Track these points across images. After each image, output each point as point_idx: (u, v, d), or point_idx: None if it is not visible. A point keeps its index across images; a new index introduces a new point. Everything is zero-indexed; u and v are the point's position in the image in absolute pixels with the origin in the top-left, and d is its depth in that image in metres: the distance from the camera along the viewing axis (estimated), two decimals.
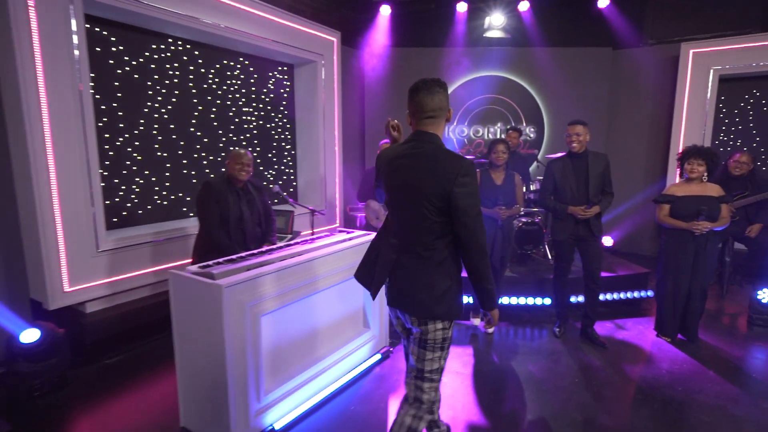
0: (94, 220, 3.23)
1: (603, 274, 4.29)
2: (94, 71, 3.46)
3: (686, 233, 3.41)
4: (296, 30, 4.97)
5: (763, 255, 4.30)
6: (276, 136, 5.29)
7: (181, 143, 4.21)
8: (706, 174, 3.47)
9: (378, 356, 3.28)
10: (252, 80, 4.88)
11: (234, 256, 2.60)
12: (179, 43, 4.10)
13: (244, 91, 4.79)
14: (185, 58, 4.16)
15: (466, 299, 4.00)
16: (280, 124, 5.33)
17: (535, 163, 5.72)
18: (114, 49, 3.62)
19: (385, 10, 6.22)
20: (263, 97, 5.04)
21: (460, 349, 3.46)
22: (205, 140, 4.42)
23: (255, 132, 4.99)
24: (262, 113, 5.06)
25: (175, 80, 4.09)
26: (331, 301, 2.96)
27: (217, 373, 2.18)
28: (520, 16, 6.41)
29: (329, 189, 5.62)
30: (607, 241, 6.33)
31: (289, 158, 5.52)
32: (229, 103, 4.64)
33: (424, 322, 1.79)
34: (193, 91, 4.26)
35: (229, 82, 4.61)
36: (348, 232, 3.35)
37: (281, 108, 5.32)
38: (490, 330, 3.79)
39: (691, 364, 3.25)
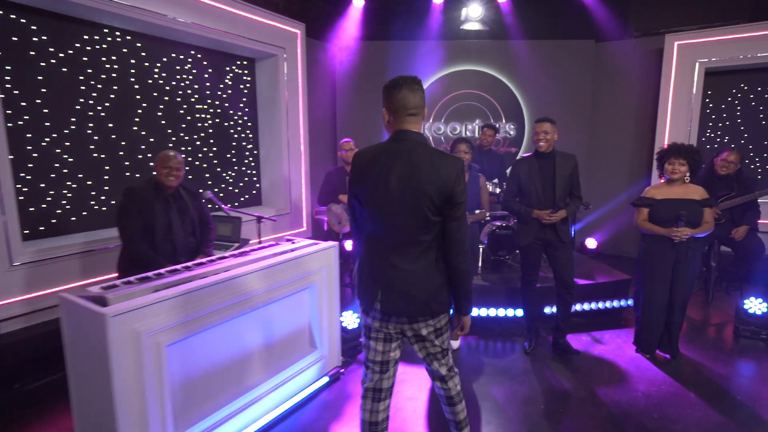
0: (5, 230, 2.89)
1: (579, 281, 4.03)
2: (10, 63, 3.11)
3: (666, 240, 3.11)
4: (254, 21, 4.63)
5: (749, 259, 4.02)
6: (236, 135, 4.95)
7: (122, 143, 3.86)
8: (688, 174, 3.17)
9: (325, 379, 2.96)
10: (206, 75, 4.53)
11: (151, 273, 2.28)
12: (117, 34, 3.75)
13: (197, 86, 4.44)
14: (125, 50, 3.81)
15: None
16: (240, 122, 4.99)
17: None
18: (36, 39, 3.27)
19: (359, 2, 5.88)
20: (220, 93, 4.70)
21: (418, 369, 3.15)
22: (151, 140, 4.07)
23: (211, 131, 4.65)
24: (219, 110, 4.71)
25: (113, 74, 3.74)
26: (266, 321, 2.63)
27: (108, 415, 1.86)
28: (499, 8, 6.10)
29: (294, 191, 5.29)
30: (591, 243, 6.05)
31: (251, 159, 5.18)
32: (179, 99, 4.29)
33: (427, 321, 1.81)
34: (136, 86, 3.91)
35: (179, 77, 4.27)
36: (292, 242, 3.03)
37: (241, 105, 4.98)
38: (456, 345, 3.47)
39: (670, 385, 2.95)
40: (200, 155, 4.56)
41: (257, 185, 5.30)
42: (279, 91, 5.03)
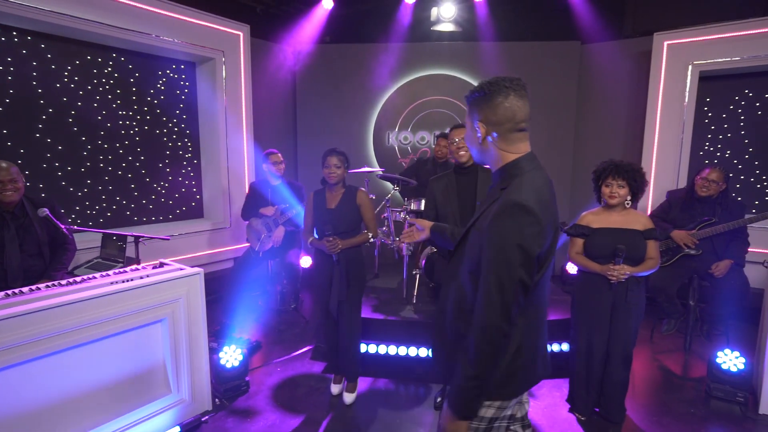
0: None
1: None
2: None
3: (602, 279, 2.53)
4: (189, 23, 4.33)
5: (730, 300, 3.30)
6: (170, 144, 4.65)
7: (21, 151, 3.61)
8: (629, 198, 2.57)
9: (175, 430, 2.53)
10: (132, 79, 4.26)
11: None
12: (14, 33, 3.51)
13: (119, 91, 4.17)
14: (24, 51, 3.57)
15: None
16: (177, 129, 4.69)
17: None
18: None
19: (328, 3, 5.51)
20: (150, 99, 4.42)
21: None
22: (59, 147, 3.81)
23: (138, 139, 4.36)
24: (149, 117, 4.42)
25: (9, 77, 3.50)
26: (101, 357, 2.27)
27: None
28: (474, 7, 5.58)
29: (236, 203, 4.93)
30: (572, 268, 5.37)
31: (190, 169, 4.87)
32: (96, 105, 4.02)
33: None
34: (39, 90, 3.67)
35: (95, 81, 4.00)
36: (160, 266, 2.64)
37: (178, 111, 4.68)
38: (349, 400, 2.94)
39: None
40: (124, 164, 4.27)
41: (198, 197, 4.98)
42: (217, 96, 4.70)
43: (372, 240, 2.92)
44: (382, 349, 3.36)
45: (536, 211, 1.18)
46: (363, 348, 3.34)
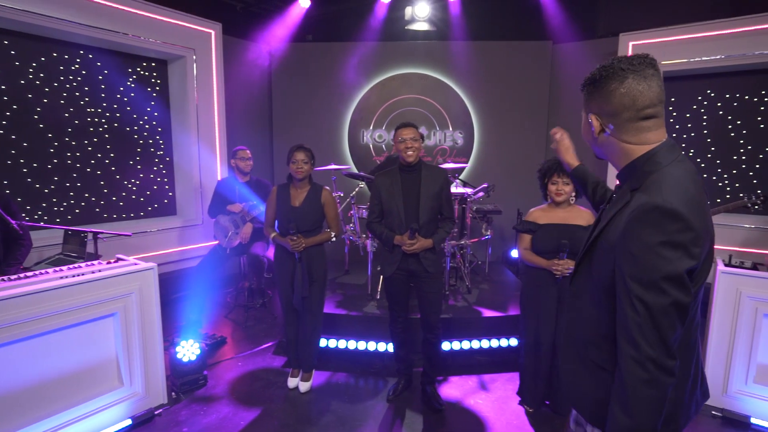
0: None
1: (488, 313, 3.51)
2: None
3: (548, 274, 2.58)
4: (155, 21, 4.35)
5: None
6: (141, 141, 4.67)
7: None
8: (574, 195, 2.64)
9: (126, 422, 2.56)
10: (101, 77, 4.27)
11: None
12: None
13: (87, 89, 4.18)
14: None
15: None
16: (148, 126, 4.70)
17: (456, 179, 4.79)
18: None
19: (305, 2, 5.54)
20: (120, 96, 4.43)
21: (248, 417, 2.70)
22: (24, 144, 3.82)
23: (107, 136, 4.37)
24: (119, 114, 4.44)
25: None
26: (49, 351, 2.31)
27: None
28: (448, 7, 5.63)
29: (208, 200, 4.90)
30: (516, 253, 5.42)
31: (162, 166, 4.88)
32: (63, 102, 4.03)
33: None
34: (2, 87, 3.67)
35: (62, 78, 4.01)
36: (109, 262, 2.67)
37: (149, 109, 4.70)
38: (304, 389, 2.99)
39: None
40: (93, 161, 4.28)
41: (170, 194, 5.00)
42: (188, 93, 4.72)
43: (334, 239, 2.96)
44: (342, 344, 3.41)
45: (685, 215, 0.95)
46: (323, 343, 3.40)
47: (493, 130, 5.67)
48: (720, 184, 4.59)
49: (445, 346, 3.36)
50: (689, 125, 4.70)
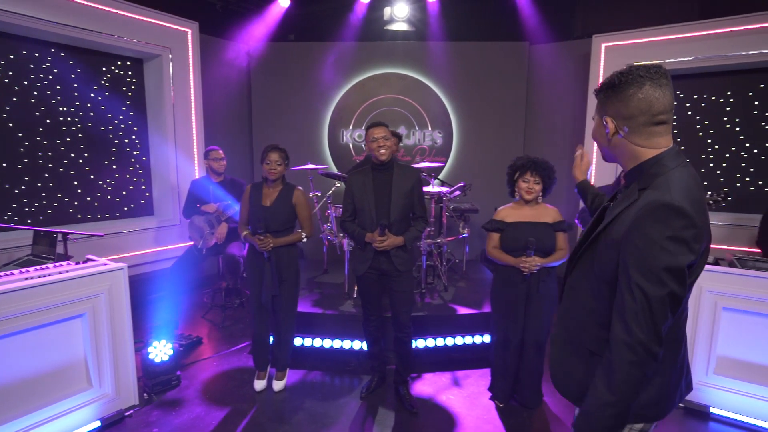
0: None
1: (463, 310, 3.56)
2: None
3: (517, 271, 2.63)
4: (129, 19, 4.31)
5: None
6: (116, 141, 4.62)
7: None
8: (541, 194, 2.69)
9: (95, 424, 2.55)
10: (73, 75, 4.21)
11: None
12: None
13: (59, 87, 4.13)
14: None
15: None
16: (123, 126, 4.65)
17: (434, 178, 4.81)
18: None
19: (284, 2, 5.53)
20: (94, 95, 4.38)
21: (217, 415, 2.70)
22: None
23: (81, 135, 4.32)
24: (92, 114, 4.38)
25: None
26: (12, 353, 2.27)
27: None
28: (426, 7, 5.68)
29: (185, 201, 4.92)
30: None
31: (138, 165, 4.84)
32: (33, 101, 3.97)
33: None
34: None
35: (32, 76, 3.95)
36: (78, 263, 2.65)
37: (124, 108, 4.65)
38: (278, 387, 3.00)
39: None
40: (66, 161, 4.23)
41: (147, 194, 4.96)
42: (164, 93, 4.69)
43: (305, 239, 2.97)
44: (318, 343, 3.42)
45: (690, 213, 1.03)
46: (299, 342, 3.41)
47: (471, 129, 5.73)
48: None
49: (420, 343, 3.40)
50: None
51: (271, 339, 3.12)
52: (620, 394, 1.07)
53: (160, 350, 2.97)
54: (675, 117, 4.67)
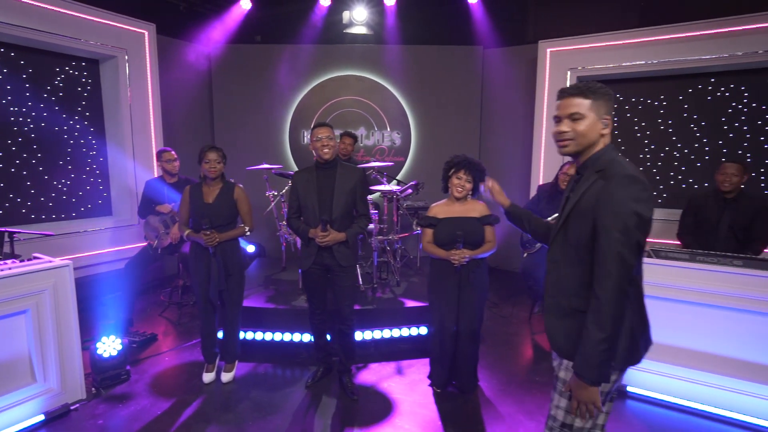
0: None
1: (413, 303, 3.72)
2: None
3: (449, 264, 2.80)
4: (83, 20, 4.33)
5: None
6: (72, 141, 4.62)
7: None
8: (471, 193, 2.87)
9: (39, 417, 2.61)
10: (25, 75, 4.21)
11: None
12: None
13: (9, 87, 4.12)
14: None
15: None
16: (79, 127, 4.66)
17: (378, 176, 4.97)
18: None
19: (246, 4, 5.61)
20: (46, 95, 4.38)
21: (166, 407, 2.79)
22: None
23: (33, 136, 4.32)
24: (45, 114, 4.38)
25: None
26: None
27: None
28: (385, 11, 5.84)
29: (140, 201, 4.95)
30: None
31: (95, 166, 4.85)
32: None
33: None
34: None
35: None
36: (22, 261, 2.70)
37: (80, 109, 4.66)
38: (226, 379, 3.11)
39: (424, 428, 2.62)
40: (18, 162, 4.22)
41: (105, 194, 4.97)
42: (121, 94, 4.72)
43: (248, 233, 3.09)
44: (269, 336, 3.54)
45: (643, 180, 1.36)
46: (250, 335, 3.52)
47: (428, 130, 5.93)
48: None
49: (368, 335, 3.55)
50: None
51: (220, 333, 3.22)
52: (608, 328, 1.33)
53: (109, 345, 3.03)
54: (616, 118, 4.97)
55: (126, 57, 4.69)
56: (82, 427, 2.60)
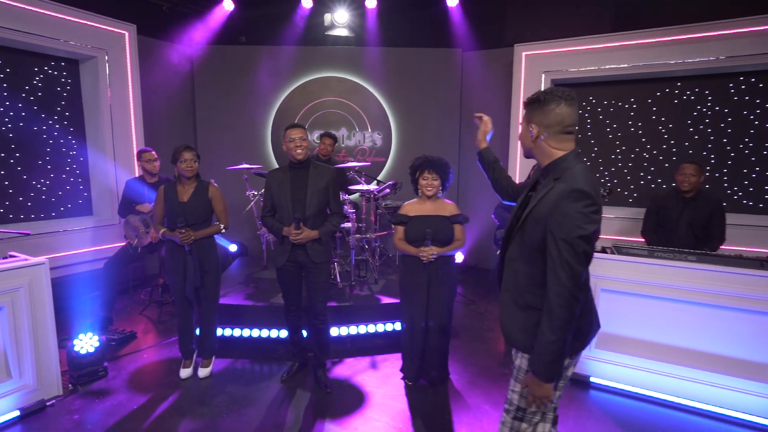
0: None
1: (385, 299, 3.80)
2: None
3: (419, 260, 2.90)
4: (62, 20, 4.36)
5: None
6: (52, 141, 4.64)
7: None
8: (441, 189, 2.97)
9: (14, 413, 2.65)
10: (2, 75, 4.23)
11: None
12: None
13: None
14: None
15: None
16: (58, 126, 4.68)
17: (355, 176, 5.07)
18: None
19: (229, 5, 5.66)
20: (25, 95, 4.39)
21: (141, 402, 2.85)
22: None
23: (12, 135, 4.33)
24: (24, 114, 4.39)
25: None
26: None
27: None
28: (365, 14, 5.93)
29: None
30: (458, 257, 5.86)
31: (75, 166, 4.86)
32: None
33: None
34: None
35: None
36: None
37: (59, 109, 4.68)
38: (203, 374, 3.18)
39: (394, 419, 2.72)
40: None
41: (85, 194, 4.98)
42: (101, 94, 4.74)
43: (224, 230, 3.16)
44: (246, 333, 3.61)
45: (592, 194, 1.43)
46: (228, 332, 3.59)
47: (409, 130, 6.03)
48: (602, 180, 5.16)
49: (344, 331, 3.64)
50: (576, 127, 5.24)
51: (198, 330, 3.28)
52: (560, 332, 1.45)
53: (86, 342, 3.08)
54: (589, 120, 5.13)
55: (106, 57, 4.72)
56: (58, 422, 2.65)
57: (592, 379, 3.10)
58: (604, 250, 3.45)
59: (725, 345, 2.79)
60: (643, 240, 3.81)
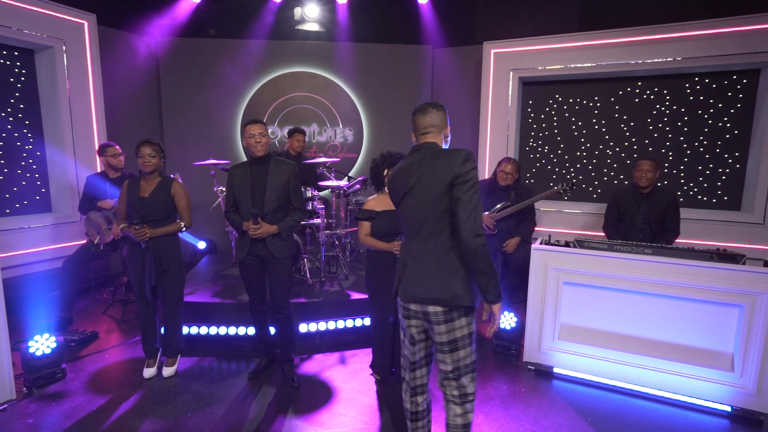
0: None
1: (357, 295, 3.80)
2: None
3: (389, 255, 2.90)
4: (14, 7, 4.15)
5: (519, 271, 3.93)
6: (5, 135, 4.42)
7: None
8: None
9: None
10: None
11: None
12: None
13: None
14: None
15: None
16: (12, 119, 4.47)
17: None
18: None
19: None
20: None
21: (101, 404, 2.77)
22: None
23: None
24: None
25: None
26: None
27: None
28: (336, 9, 5.89)
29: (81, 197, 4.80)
30: None
31: (32, 160, 4.66)
32: None
33: (449, 315, 1.89)
34: None
35: None
36: None
37: (13, 101, 4.46)
38: (167, 373, 3.12)
39: (362, 412, 2.73)
40: None
41: (43, 190, 4.78)
42: (58, 85, 4.55)
43: (184, 229, 3.09)
44: (213, 330, 3.55)
45: (472, 155, 1.88)
46: (195, 330, 3.52)
47: (381, 126, 6.04)
48: (568, 176, 5.30)
49: (312, 327, 3.63)
50: (543, 125, 5.37)
51: (162, 329, 3.21)
52: (489, 267, 1.80)
53: (42, 344, 2.96)
54: (555, 118, 5.24)
55: (64, 48, 4.53)
56: (11, 427, 2.54)
57: (555, 370, 3.19)
58: (567, 245, 3.55)
59: (680, 334, 2.92)
60: (603, 234, 3.93)
